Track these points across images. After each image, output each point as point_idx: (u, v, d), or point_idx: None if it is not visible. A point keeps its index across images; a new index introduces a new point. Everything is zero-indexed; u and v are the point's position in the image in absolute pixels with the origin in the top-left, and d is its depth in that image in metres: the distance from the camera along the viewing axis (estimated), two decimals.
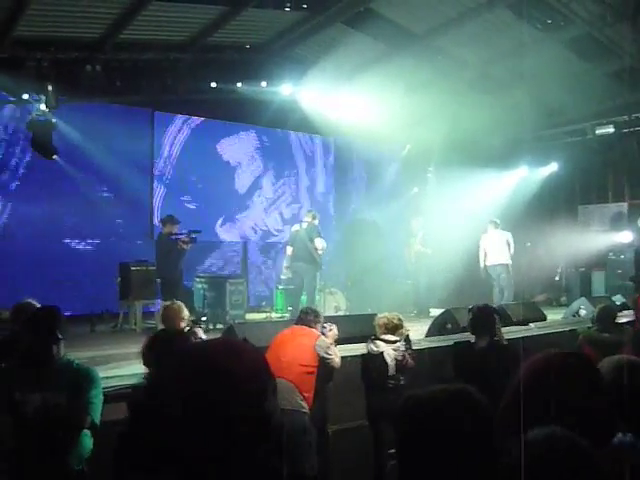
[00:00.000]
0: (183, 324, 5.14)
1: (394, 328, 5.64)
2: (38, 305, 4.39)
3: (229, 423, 1.21)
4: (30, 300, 4.62)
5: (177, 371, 1.29)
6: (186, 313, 5.22)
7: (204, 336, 5.06)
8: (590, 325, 6.48)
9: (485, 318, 5.30)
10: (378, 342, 5.59)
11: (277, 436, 1.30)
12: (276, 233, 13.45)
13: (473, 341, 5.35)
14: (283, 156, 13.94)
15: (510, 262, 11.54)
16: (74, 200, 10.89)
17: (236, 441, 1.21)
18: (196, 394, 1.22)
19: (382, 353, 5.51)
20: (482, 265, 11.64)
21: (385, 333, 5.62)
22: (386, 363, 5.45)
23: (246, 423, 1.22)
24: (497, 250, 11.54)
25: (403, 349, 5.56)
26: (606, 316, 6.05)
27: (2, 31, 8.82)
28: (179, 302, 5.36)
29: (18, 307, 4.56)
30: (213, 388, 1.21)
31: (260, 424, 1.24)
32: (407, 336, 5.72)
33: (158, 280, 9.67)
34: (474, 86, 11.45)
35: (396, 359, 5.48)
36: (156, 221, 11.23)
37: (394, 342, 5.57)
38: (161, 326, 5.36)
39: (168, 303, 5.41)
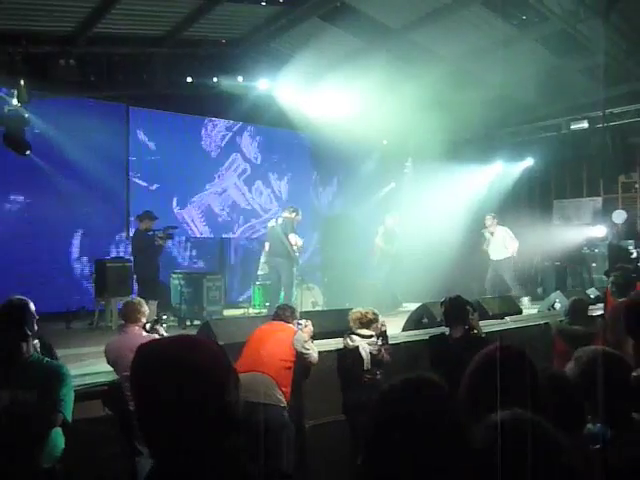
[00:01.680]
0: (143, 319, 5.17)
1: (368, 322, 5.67)
2: (31, 303, 4.35)
3: (190, 413, 1.22)
4: (20, 297, 4.58)
5: (139, 364, 1.30)
6: (146, 309, 5.25)
7: (165, 334, 5.08)
8: (562, 318, 6.55)
9: (458, 309, 5.38)
10: (353, 336, 5.63)
11: (248, 423, 1.32)
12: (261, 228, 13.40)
13: (448, 333, 5.41)
14: (260, 152, 13.90)
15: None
16: (48, 196, 10.76)
17: (199, 431, 1.22)
18: (157, 385, 1.23)
19: (357, 347, 5.54)
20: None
21: (360, 327, 5.66)
22: (361, 357, 5.49)
23: (208, 413, 1.23)
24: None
25: (379, 343, 5.59)
26: (578, 309, 6.13)
27: None
28: (139, 298, 5.42)
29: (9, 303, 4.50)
30: (174, 379, 1.23)
31: (222, 415, 1.26)
32: (384, 332, 5.75)
33: (135, 277, 9.60)
34: (450, 81, 11.50)
35: (371, 353, 5.51)
36: (132, 217, 11.14)
37: (369, 337, 5.61)
38: (122, 322, 5.38)
39: (128, 299, 5.47)
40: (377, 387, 5.37)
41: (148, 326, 5.19)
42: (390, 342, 5.88)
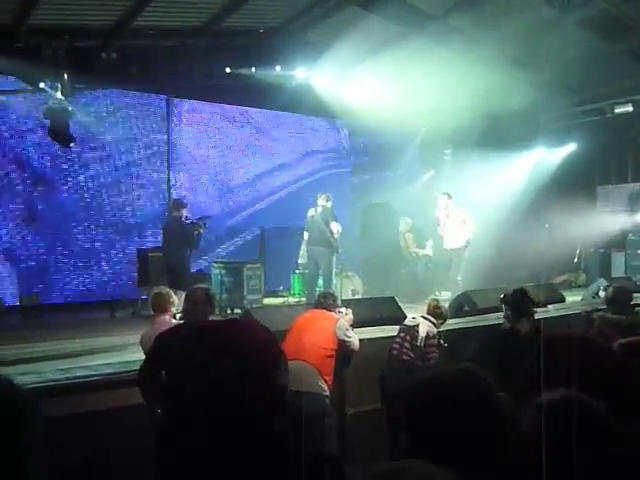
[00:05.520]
0: (173, 309, 5.20)
1: (438, 315, 6.02)
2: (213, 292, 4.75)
3: (242, 392, 1.25)
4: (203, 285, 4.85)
5: (194, 343, 1.34)
6: (175, 298, 5.26)
7: None
8: (604, 307, 6.39)
9: (521, 302, 5.34)
10: (418, 317, 5.97)
11: (291, 412, 1.34)
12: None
13: (511, 326, 5.35)
14: (299, 140, 13.93)
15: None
16: (92, 187, 10.98)
17: (249, 410, 1.25)
18: (211, 365, 1.26)
19: (418, 325, 5.83)
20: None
21: (429, 313, 6.00)
22: (418, 332, 5.76)
23: (258, 393, 1.26)
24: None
25: (436, 331, 5.87)
26: (621, 297, 5.93)
27: (17, 20, 8.87)
28: (167, 288, 5.43)
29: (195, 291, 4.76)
30: (226, 358, 1.26)
31: (272, 395, 1.29)
32: (443, 343, 5.87)
33: (167, 265, 9.20)
34: (491, 66, 11.34)
35: (427, 334, 5.76)
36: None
37: (432, 323, 5.90)
38: (152, 313, 5.39)
39: (157, 290, 5.45)
40: (412, 372, 5.43)
41: (178, 316, 5.21)
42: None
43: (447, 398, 1.51)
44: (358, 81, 11.52)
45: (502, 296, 5.57)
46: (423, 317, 5.94)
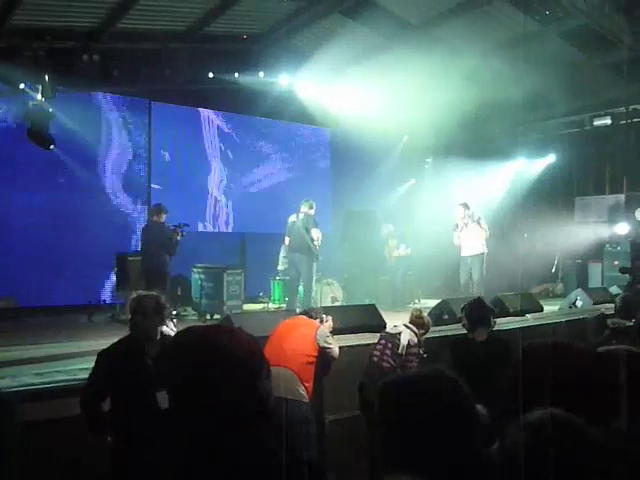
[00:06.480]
0: None
1: (420, 324, 5.95)
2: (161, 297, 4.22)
3: (224, 399, 1.24)
4: (152, 292, 4.52)
5: (175, 349, 1.32)
6: None
7: (174, 329, 4.70)
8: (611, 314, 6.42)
9: (480, 312, 5.41)
10: (401, 325, 5.91)
11: (274, 419, 1.33)
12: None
13: (471, 335, 5.40)
14: (280, 147, 13.92)
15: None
16: (72, 190, 10.88)
17: (230, 416, 1.24)
18: (192, 369, 1.25)
19: (400, 333, 5.78)
20: None
21: (411, 322, 5.94)
22: (399, 340, 5.72)
23: (240, 400, 1.25)
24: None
25: (417, 340, 5.83)
26: (628, 305, 6.00)
27: None
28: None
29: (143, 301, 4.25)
30: (209, 365, 1.25)
31: (254, 403, 1.28)
32: (423, 354, 5.87)
33: (145, 269, 9.20)
34: (472, 77, 11.45)
35: (409, 342, 5.71)
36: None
37: (414, 332, 5.86)
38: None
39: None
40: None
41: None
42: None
43: (418, 398, 1.52)
44: (341, 88, 11.56)
45: (462, 306, 5.69)
46: (405, 325, 5.93)
